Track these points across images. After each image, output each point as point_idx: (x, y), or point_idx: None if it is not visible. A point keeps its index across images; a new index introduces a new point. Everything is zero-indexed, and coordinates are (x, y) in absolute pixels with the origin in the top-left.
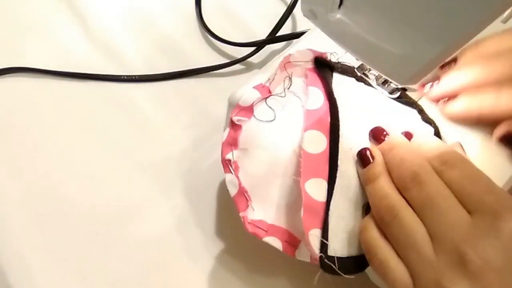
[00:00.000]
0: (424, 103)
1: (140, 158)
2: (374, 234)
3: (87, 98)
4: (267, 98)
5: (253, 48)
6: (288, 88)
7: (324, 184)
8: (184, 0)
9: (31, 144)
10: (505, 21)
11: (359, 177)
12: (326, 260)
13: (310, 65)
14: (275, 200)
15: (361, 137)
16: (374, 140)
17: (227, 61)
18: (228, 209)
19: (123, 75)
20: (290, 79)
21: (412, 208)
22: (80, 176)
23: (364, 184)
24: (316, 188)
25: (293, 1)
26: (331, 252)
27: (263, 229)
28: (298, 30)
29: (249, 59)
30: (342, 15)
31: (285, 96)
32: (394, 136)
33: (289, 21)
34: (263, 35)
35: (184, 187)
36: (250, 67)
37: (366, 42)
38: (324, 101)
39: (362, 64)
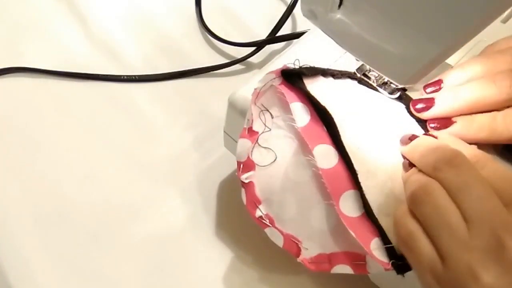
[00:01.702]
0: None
1: (140, 158)
2: (403, 211)
3: (87, 98)
4: (257, 141)
5: (253, 48)
6: (272, 118)
7: (354, 195)
8: (184, 0)
9: (31, 144)
10: (505, 21)
11: (381, 168)
12: (398, 263)
13: (278, 81)
14: (320, 229)
15: (364, 131)
16: (402, 144)
17: (227, 61)
18: (228, 209)
19: (123, 75)
20: (266, 109)
21: (448, 191)
22: (80, 176)
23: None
24: (350, 203)
25: (293, 1)
26: (398, 251)
27: (326, 262)
28: (298, 30)
29: (249, 59)
30: (342, 15)
31: (270, 129)
32: (421, 137)
33: (289, 21)
34: (263, 35)
35: (184, 187)
36: (250, 67)
37: (366, 42)
38: (311, 112)
39: (362, 65)
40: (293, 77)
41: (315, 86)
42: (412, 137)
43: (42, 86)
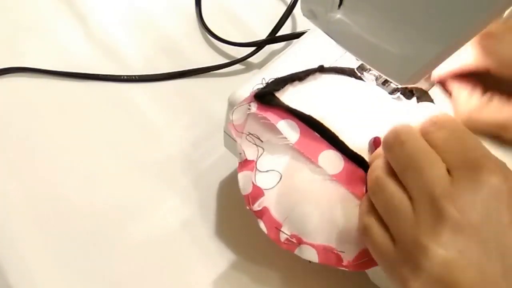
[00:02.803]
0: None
1: (140, 158)
2: (363, 205)
3: (87, 98)
4: (256, 167)
5: (253, 48)
6: (262, 142)
7: None
8: (184, 0)
9: (31, 144)
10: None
11: None
12: None
13: (254, 107)
14: (348, 227)
15: (359, 125)
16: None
17: (227, 61)
18: (229, 209)
19: (123, 75)
20: (252, 135)
21: (396, 172)
22: (80, 176)
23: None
24: None
25: (293, 1)
26: None
27: (368, 259)
28: (298, 30)
29: (249, 59)
30: (342, 15)
31: (263, 151)
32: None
33: (289, 21)
34: (263, 35)
35: (184, 187)
36: (250, 67)
37: (366, 42)
38: (299, 124)
39: (362, 64)
40: (267, 97)
41: (292, 96)
42: (376, 140)
43: (42, 86)
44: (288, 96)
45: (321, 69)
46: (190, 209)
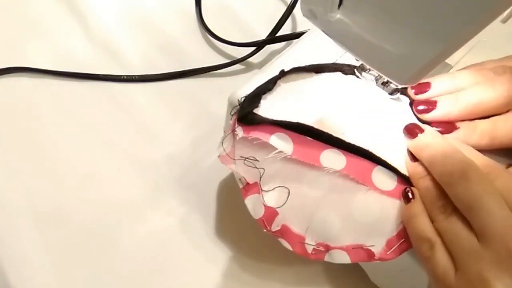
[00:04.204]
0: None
1: (140, 158)
2: (419, 217)
3: (87, 98)
4: (261, 189)
5: (253, 48)
6: (259, 161)
7: (381, 171)
8: (184, 0)
9: (31, 144)
10: (504, 21)
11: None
12: None
13: (241, 131)
14: (370, 221)
15: (354, 122)
16: (408, 135)
17: (227, 61)
18: (229, 209)
19: (123, 75)
20: (247, 158)
21: (458, 207)
22: (80, 176)
23: (405, 221)
24: (382, 178)
25: (293, 1)
26: None
27: (397, 244)
28: (298, 30)
29: (249, 59)
30: (342, 15)
31: (264, 170)
32: (428, 131)
33: (289, 21)
34: (263, 35)
35: (184, 187)
36: (250, 67)
37: (366, 42)
38: (289, 134)
39: (362, 64)
40: (249, 117)
41: (274, 107)
42: (419, 129)
43: (42, 86)
44: (273, 107)
45: (283, 74)
46: (190, 209)
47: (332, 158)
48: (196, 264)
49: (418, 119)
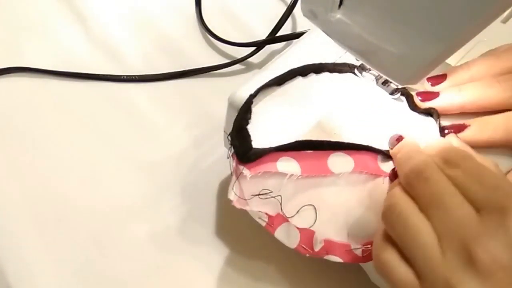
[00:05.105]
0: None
1: (140, 158)
2: (379, 236)
3: (87, 98)
4: (286, 216)
5: (253, 48)
6: (272, 191)
7: (385, 159)
8: (184, 0)
9: (31, 144)
10: (505, 21)
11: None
12: None
13: (247, 170)
14: None
15: (352, 122)
16: (390, 145)
17: (227, 61)
18: (228, 209)
19: (123, 75)
20: (261, 194)
21: (419, 207)
22: (80, 176)
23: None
24: (389, 164)
25: (293, 1)
26: None
27: None
28: (298, 30)
29: (249, 59)
30: (342, 15)
31: (281, 197)
32: (407, 138)
33: (289, 21)
34: (263, 35)
35: (184, 187)
36: (250, 67)
37: (366, 42)
38: (292, 154)
39: (362, 64)
40: (249, 154)
41: (268, 112)
42: (399, 138)
43: (42, 86)
44: (264, 131)
45: (251, 98)
46: (190, 208)
47: (340, 162)
48: (196, 263)
49: (418, 118)
